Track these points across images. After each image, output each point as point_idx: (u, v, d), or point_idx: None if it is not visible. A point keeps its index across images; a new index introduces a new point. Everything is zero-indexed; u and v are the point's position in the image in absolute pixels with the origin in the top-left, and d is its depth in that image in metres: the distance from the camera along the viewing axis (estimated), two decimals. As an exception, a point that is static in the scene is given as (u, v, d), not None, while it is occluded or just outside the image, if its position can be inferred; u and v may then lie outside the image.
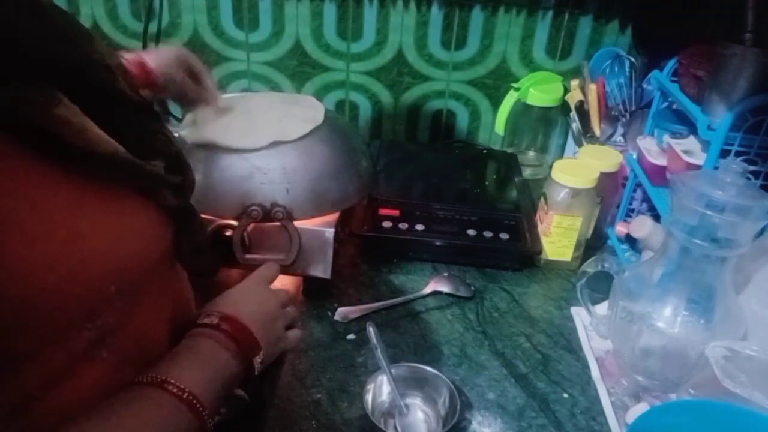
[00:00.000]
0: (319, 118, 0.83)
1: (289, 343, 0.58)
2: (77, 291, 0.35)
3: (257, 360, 0.50)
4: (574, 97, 1.13)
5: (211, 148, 0.77)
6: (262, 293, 0.57)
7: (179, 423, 0.41)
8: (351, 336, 0.76)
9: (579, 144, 1.11)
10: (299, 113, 0.83)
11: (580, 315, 0.82)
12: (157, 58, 0.74)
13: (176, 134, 0.81)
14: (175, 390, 0.41)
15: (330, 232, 0.76)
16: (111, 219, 0.39)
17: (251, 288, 0.57)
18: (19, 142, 0.33)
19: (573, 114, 1.12)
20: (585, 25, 1.16)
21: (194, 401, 0.42)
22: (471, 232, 0.90)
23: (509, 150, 1.21)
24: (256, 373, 0.51)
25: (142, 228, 0.42)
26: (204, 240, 0.53)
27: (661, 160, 0.85)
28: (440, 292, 0.85)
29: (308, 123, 0.81)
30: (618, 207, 0.99)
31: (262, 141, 0.77)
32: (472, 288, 0.86)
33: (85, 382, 0.38)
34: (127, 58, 0.70)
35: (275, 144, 0.77)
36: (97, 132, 0.37)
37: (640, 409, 0.65)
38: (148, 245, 0.43)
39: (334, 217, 0.79)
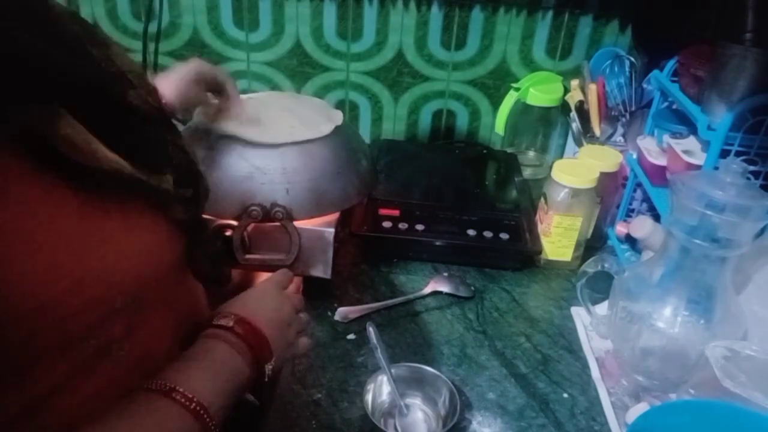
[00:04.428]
0: (338, 120, 0.84)
1: (300, 350, 0.58)
2: (81, 303, 0.35)
3: (269, 367, 0.50)
4: (574, 97, 1.13)
5: (211, 148, 0.77)
6: (278, 297, 0.57)
7: None
8: (351, 336, 0.76)
9: (579, 144, 1.11)
10: (316, 117, 0.84)
11: (580, 315, 0.82)
12: (173, 81, 0.72)
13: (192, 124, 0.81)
14: (183, 400, 0.41)
15: (330, 232, 0.76)
16: (118, 232, 0.39)
17: (267, 291, 0.57)
18: (23, 156, 0.33)
19: (573, 114, 1.12)
20: (585, 25, 1.16)
21: (201, 411, 0.41)
22: (471, 232, 0.90)
23: (509, 150, 1.21)
24: (266, 380, 0.50)
25: (150, 241, 0.42)
26: (215, 250, 0.53)
27: (661, 160, 0.85)
28: (440, 292, 0.85)
29: (327, 125, 0.82)
30: (618, 207, 0.99)
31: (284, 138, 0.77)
32: (472, 288, 0.86)
33: (89, 390, 0.38)
34: None
35: (277, 144, 0.77)
36: (100, 149, 0.36)
37: (640, 409, 0.65)
38: (156, 258, 0.43)
39: (334, 217, 0.79)
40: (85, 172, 0.35)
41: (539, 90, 1.15)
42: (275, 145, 0.77)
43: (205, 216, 0.50)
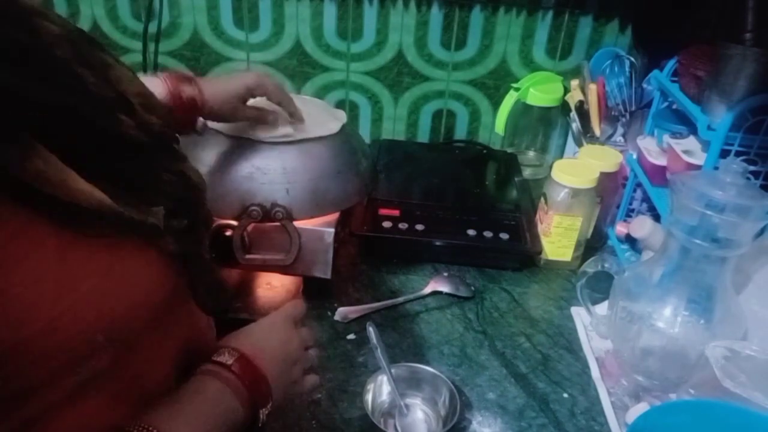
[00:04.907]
0: (342, 119, 0.85)
1: (305, 389, 0.56)
2: (60, 342, 0.34)
3: (264, 411, 0.48)
4: (574, 97, 1.13)
5: (211, 148, 0.77)
6: (287, 332, 0.54)
7: None
8: (351, 336, 0.76)
9: (579, 144, 1.11)
10: (322, 115, 0.84)
11: (580, 315, 0.82)
12: (221, 93, 0.71)
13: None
14: None
15: (330, 232, 0.76)
16: (100, 268, 0.37)
17: (276, 325, 0.54)
18: None
19: (573, 114, 1.12)
20: (585, 25, 1.16)
21: None
22: (471, 232, 0.90)
23: (509, 150, 1.21)
24: (260, 425, 0.48)
25: (137, 276, 0.40)
26: (215, 282, 0.49)
27: (661, 160, 0.85)
28: (440, 292, 0.85)
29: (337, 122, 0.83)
30: (618, 207, 0.99)
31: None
32: (472, 288, 0.86)
33: (74, 420, 0.37)
34: (183, 95, 0.67)
35: (277, 144, 0.77)
36: (76, 183, 0.34)
37: (640, 409, 0.65)
38: (144, 293, 0.40)
39: (334, 217, 0.79)
40: (62, 207, 0.33)
41: (539, 90, 1.15)
42: (275, 145, 0.77)
43: (202, 252, 0.47)
